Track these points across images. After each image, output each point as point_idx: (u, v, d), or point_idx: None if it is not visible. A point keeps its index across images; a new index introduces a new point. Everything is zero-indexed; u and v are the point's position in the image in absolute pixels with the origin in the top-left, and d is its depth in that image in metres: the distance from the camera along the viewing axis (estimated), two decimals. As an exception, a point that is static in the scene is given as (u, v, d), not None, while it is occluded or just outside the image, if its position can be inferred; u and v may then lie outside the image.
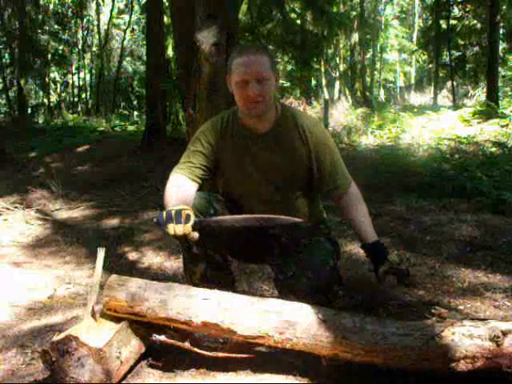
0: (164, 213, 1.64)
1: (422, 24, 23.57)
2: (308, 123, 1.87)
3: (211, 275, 1.86)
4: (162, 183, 1.61)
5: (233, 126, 1.89)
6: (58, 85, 22.08)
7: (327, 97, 13.69)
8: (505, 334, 1.46)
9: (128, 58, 21.73)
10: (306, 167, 1.86)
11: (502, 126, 7.72)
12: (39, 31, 17.38)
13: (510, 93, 15.08)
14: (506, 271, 2.72)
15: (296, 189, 1.89)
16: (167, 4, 9.68)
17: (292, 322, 1.57)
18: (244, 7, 9.36)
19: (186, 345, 1.70)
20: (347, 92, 16.29)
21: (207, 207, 1.82)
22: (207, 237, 1.70)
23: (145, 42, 11.93)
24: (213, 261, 1.85)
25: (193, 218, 1.62)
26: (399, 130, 8.76)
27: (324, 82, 17.17)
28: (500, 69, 13.19)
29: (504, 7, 12.34)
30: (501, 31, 12.97)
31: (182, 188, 1.80)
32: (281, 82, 12.00)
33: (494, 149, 6.33)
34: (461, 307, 2.27)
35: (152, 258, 3.39)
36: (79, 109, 20.35)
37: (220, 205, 1.90)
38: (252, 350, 1.74)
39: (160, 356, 1.77)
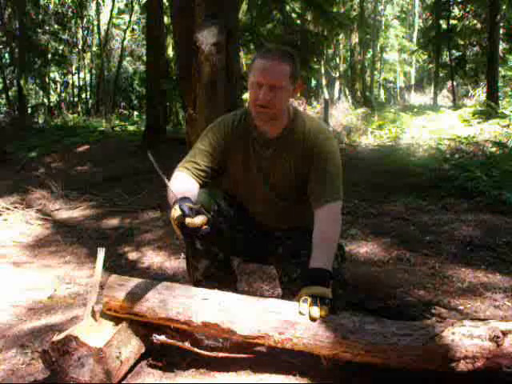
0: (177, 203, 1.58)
1: (422, 24, 23.56)
2: (314, 129, 1.83)
3: (214, 272, 1.86)
4: (161, 183, 1.61)
5: (244, 126, 1.87)
6: (58, 85, 22.08)
7: (327, 97, 13.68)
8: (505, 334, 1.46)
9: (128, 58, 21.73)
10: (307, 173, 1.82)
11: (503, 126, 7.70)
12: (39, 31, 17.37)
13: (510, 93, 15.06)
14: (505, 271, 2.72)
15: (299, 194, 1.87)
16: (167, 4, 9.69)
17: (292, 322, 1.57)
18: (244, 7, 9.36)
19: (186, 345, 1.70)
20: (347, 92, 16.29)
21: (210, 203, 1.82)
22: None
23: (145, 42, 11.93)
24: (215, 258, 1.85)
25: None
26: (399, 130, 8.75)
27: (324, 82, 17.16)
28: (500, 69, 13.17)
29: (504, 7, 12.33)
30: (501, 31, 12.96)
31: (185, 183, 1.80)
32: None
33: (493, 149, 6.32)
34: (461, 307, 2.27)
35: (152, 258, 3.40)
36: (79, 109, 20.34)
37: (225, 202, 1.90)
38: (252, 350, 1.74)
39: (160, 356, 1.77)
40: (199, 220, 1.51)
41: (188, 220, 1.50)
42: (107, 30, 19.00)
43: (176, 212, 1.53)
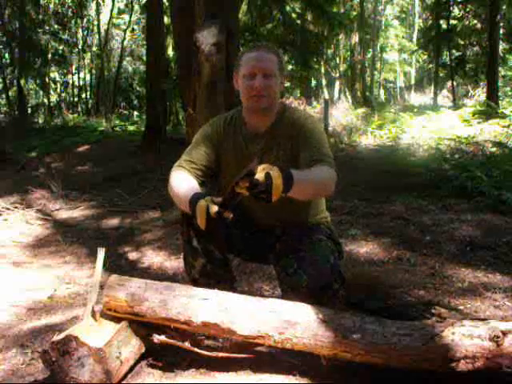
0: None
1: (422, 24, 23.56)
2: (300, 116, 1.87)
3: (211, 270, 1.86)
4: (162, 183, 1.62)
5: (235, 125, 1.92)
6: (58, 85, 22.07)
7: (327, 97, 13.68)
8: (505, 333, 1.46)
9: (128, 58, 21.72)
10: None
11: (503, 126, 7.70)
12: (39, 31, 17.37)
13: (510, 93, 15.06)
14: (506, 271, 2.72)
15: None
16: (167, 4, 9.69)
17: (292, 321, 1.57)
18: (244, 7, 9.36)
19: (186, 345, 1.70)
20: (347, 92, 16.28)
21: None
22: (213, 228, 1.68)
23: (145, 42, 11.94)
24: (212, 257, 1.86)
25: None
26: (399, 130, 8.75)
27: (324, 82, 17.17)
28: (500, 69, 13.18)
29: (504, 7, 12.33)
30: (501, 31, 12.96)
31: (188, 182, 1.82)
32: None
33: (494, 149, 6.32)
34: (461, 307, 2.27)
35: (152, 258, 3.40)
36: (79, 109, 20.35)
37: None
38: (252, 349, 1.74)
39: (160, 356, 1.77)
40: (231, 215, 1.57)
41: (226, 213, 1.56)
42: (107, 30, 18.99)
43: (214, 207, 1.57)
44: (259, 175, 1.47)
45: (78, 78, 21.86)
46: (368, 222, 3.80)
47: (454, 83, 15.48)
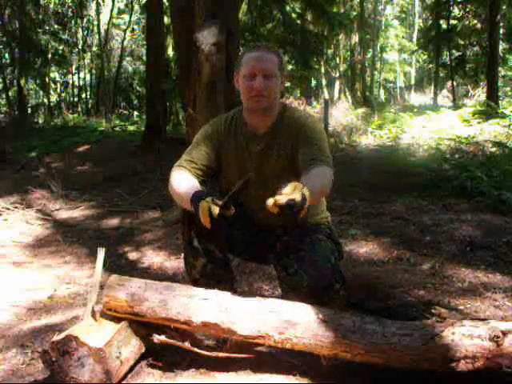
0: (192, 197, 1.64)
1: (422, 24, 23.58)
2: (301, 116, 1.88)
3: (211, 270, 1.86)
4: (162, 183, 1.62)
5: (236, 125, 1.92)
6: (58, 85, 22.08)
7: (327, 97, 13.69)
8: (505, 333, 1.46)
9: (128, 58, 21.73)
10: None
11: (503, 126, 7.70)
12: (39, 31, 17.37)
13: (510, 93, 15.07)
14: (506, 271, 2.72)
15: None
16: (167, 4, 9.69)
17: (292, 321, 1.58)
18: (244, 7, 9.36)
19: (186, 345, 1.70)
20: (347, 92, 16.29)
21: None
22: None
23: (145, 42, 11.94)
24: (213, 257, 1.86)
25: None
26: (399, 130, 8.75)
27: (324, 82, 17.17)
28: (500, 69, 13.20)
29: (504, 7, 12.33)
30: (501, 31, 12.98)
31: (190, 181, 1.82)
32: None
33: (494, 149, 6.32)
34: (461, 307, 2.27)
35: (152, 258, 3.40)
36: (79, 109, 20.36)
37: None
38: (252, 349, 1.74)
39: (160, 356, 1.77)
40: (233, 210, 1.57)
41: (227, 212, 1.56)
42: (107, 30, 19.00)
43: (216, 209, 1.57)
44: (295, 195, 1.39)
45: (78, 78, 21.87)
46: (368, 221, 3.80)
47: (454, 83, 15.48)
